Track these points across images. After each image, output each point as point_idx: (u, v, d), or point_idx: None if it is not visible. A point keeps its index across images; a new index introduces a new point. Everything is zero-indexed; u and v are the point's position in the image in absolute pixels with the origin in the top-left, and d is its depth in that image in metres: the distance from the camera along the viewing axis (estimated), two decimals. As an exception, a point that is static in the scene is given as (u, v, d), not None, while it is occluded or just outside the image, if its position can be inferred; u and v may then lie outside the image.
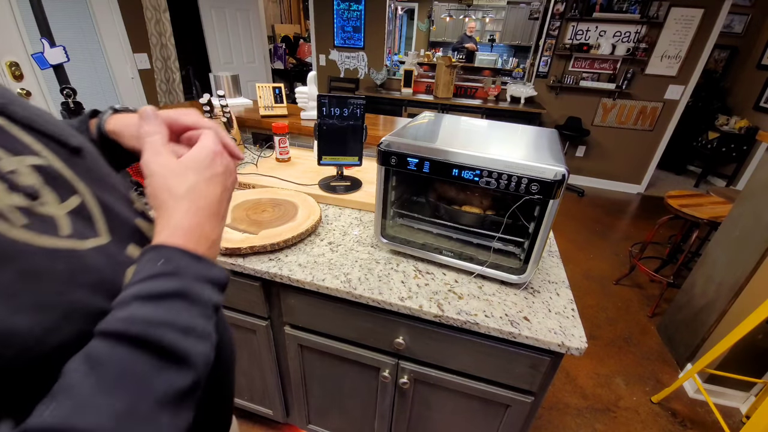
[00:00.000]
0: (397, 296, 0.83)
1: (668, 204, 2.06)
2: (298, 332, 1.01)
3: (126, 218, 0.37)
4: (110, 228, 0.33)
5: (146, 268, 0.30)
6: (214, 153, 0.38)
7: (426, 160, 0.80)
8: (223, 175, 0.38)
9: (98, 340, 0.26)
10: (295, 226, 1.00)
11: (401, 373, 0.95)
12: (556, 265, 0.99)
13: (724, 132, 4.00)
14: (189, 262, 0.32)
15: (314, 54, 4.47)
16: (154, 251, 0.31)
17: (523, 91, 3.69)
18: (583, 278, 2.50)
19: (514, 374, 0.84)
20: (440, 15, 5.81)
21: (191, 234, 0.33)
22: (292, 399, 1.22)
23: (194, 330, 0.29)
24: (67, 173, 0.32)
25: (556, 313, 0.81)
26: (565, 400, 1.65)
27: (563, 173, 0.70)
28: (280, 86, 1.75)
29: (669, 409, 1.64)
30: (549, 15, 3.59)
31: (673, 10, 3.28)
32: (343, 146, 1.17)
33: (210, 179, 0.36)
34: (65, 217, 0.29)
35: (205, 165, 0.37)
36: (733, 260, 1.62)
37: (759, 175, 1.57)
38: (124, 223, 0.36)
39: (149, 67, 3.02)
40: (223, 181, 0.38)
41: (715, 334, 1.66)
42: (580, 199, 3.88)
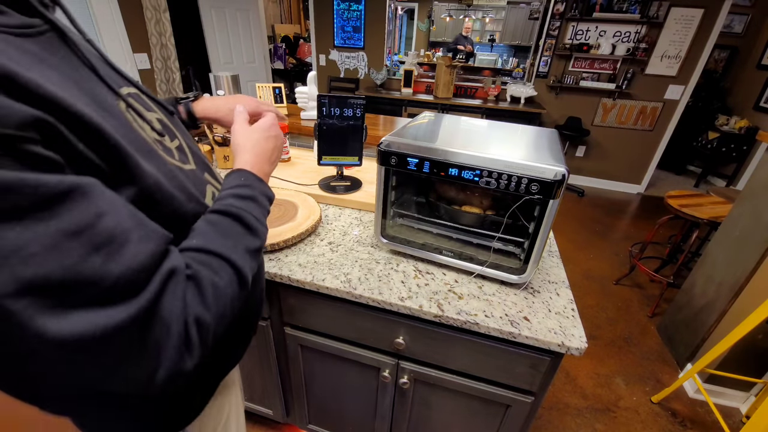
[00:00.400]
0: (397, 296, 0.83)
1: (668, 204, 2.06)
2: (298, 332, 1.01)
3: (202, 157, 0.57)
4: (195, 161, 0.53)
5: (233, 181, 0.51)
6: (271, 124, 0.63)
7: (426, 160, 0.80)
8: (275, 137, 0.62)
9: (211, 213, 0.45)
10: (295, 226, 1.00)
11: (401, 373, 0.95)
12: (556, 265, 0.99)
13: (724, 132, 4.00)
14: (256, 181, 0.53)
15: (314, 54, 4.47)
16: (237, 172, 0.53)
17: (523, 91, 3.69)
18: (583, 278, 2.50)
19: (514, 374, 0.84)
20: (440, 15, 5.81)
21: (255, 167, 0.55)
22: (292, 399, 1.22)
23: (258, 219, 0.49)
24: (171, 125, 0.51)
25: (556, 313, 0.81)
26: (565, 400, 1.65)
27: (563, 173, 0.70)
28: (280, 86, 1.75)
29: (669, 409, 1.64)
30: (549, 15, 3.59)
31: (673, 10, 3.28)
32: (343, 146, 1.17)
33: (267, 138, 0.60)
34: (175, 149, 0.48)
35: (264, 129, 0.61)
36: (733, 260, 1.62)
37: (759, 175, 1.57)
38: (201, 159, 0.56)
39: (149, 67, 3.02)
40: (274, 140, 0.62)
41: (715, 334, 1.66)
42: (580, 199, 3.87)
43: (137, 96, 0.47)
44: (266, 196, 0.53)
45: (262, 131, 0.60)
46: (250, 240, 0.46)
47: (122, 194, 0.35)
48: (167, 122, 0.51)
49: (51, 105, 0.29)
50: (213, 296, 0.38)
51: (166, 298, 0.33)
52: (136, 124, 0.41)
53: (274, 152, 0.61)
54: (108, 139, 0.33)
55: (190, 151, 0.53)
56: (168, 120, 0.51)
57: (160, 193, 0.39)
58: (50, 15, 0.37)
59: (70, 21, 0.41)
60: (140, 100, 0.47)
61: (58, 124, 0.29)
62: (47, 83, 0.30)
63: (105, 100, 0.38)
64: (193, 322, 0.35)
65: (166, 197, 0.40)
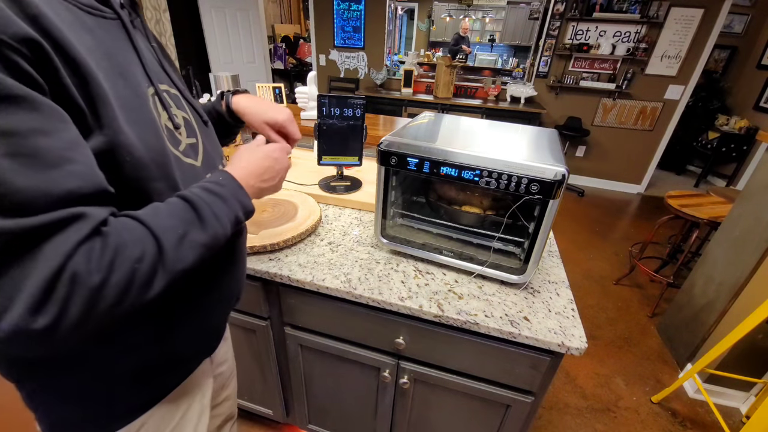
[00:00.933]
0: (397, 296, 0.83)
1: (668, 204, 2.06)
2: (298, 332, 1.01)
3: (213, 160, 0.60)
4: (203, 161, 0.56)
5: (213, 177, 0.52)
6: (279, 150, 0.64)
7: (426, 160, 0.80)
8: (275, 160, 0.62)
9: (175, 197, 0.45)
10: (295, 226, 1.00)
11: (401, 373, 0.95)
12: (556, 265, 0.99)
13: (724, 132, 4.00)
14: (234, 185, 0.52)
15: (314, 54, 4.47)
16: (221, 171, 0.54)
17: (523, 91, 3.69)
18: (583, 278, 2.50)
19: (514, 374, 0.84)
20: (440, 15, 5.81)
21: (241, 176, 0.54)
22: (292, 399, 1.22)
23: (218, 216, 0.47)
24: (196, 128, 0.57)
25: (556, 313, 0.81)
26: (565, 400, 1.65)
27: (563, 173, 0.70)
28: (280, 86, 1.75)
29: (669, 409, 1.64)
30: (549, 15, 3.59)
31: (673, 10, 3.28)
32: (343, 146, 1.17)
33: (266, 158, 0.61)
34: (185, 143, 0.52)
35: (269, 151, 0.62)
36: (733, 260, 1.62)
37: (759, 175, 1.57)
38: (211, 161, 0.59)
39: (149, 67, 3.02)
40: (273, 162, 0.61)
41: (715, 334, 1.66)
42: (580, 199, 3.87)
43: (176, 96, 0.54)
44: (240, 203, 0.51)
45: (266, 152, 0.61)
46: (196, 231, 0.44)
47: (91, 139, 0.37)
48: (193, 123, 0.56)
49: (53, 37, 0.34)
50: (111, 261, 0.35)
51: (56, 238, 0.32)
52: (155, 108, 0.46)
53: (269, 173, 0.60)
54: (97, 86, 0.37)
55: (203, 152, 0.56)
56: (196, 123, 0.57)
57: (131, 157, 0.40)
58: (119, 10, 0.46)
59: (142, 25, 0.53)
60: (176, 99, 0.54)
61: (52, 53, 0.34)
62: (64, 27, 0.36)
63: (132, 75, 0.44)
64: (68, 277, 0.32)
65: (136, 163, 0.41)
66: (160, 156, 0.44)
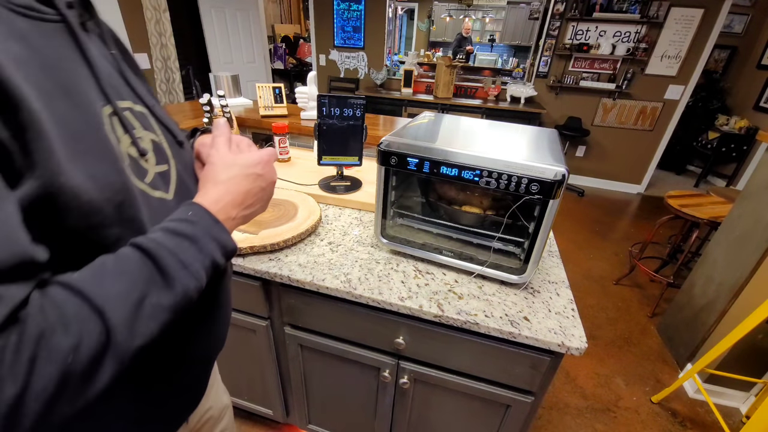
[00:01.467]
0: (397, 296, 0.83)
1: (668, 204, 2.06)
2: (298, 332, 1.01)
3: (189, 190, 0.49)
4: (176, 192, 0.46)
5: (179, 213, 0.41)
6: (263, 161, 0.50)
7: (426, 160, 0.80)
8: (259, 177, 0.49)
9: (128, 246, 0.36)
10: (295, 226, 1.00)
11: (401, 373, 0.95)
12: (556, 265, 0.99)
13: (724, 132, 4.00)
14: (207, 220, 0.41)
15: (314, 54, 4.47)
16: (189, 204, 0.42)
17: (523, 91, 3.69)
18: (583, 278, 2.50)
19: (514, 374, 0.84)
20: (440, 15, 5.82)
21: (217, 205, 0.43)
22: (292, 399, 1.22)
23: (188, 266, 0.37)
24: (168, 152, 0.47)
25: (556, 313, 0.81)
26: (565, 400, 1.65)
27: (563, 173, 0.70)
28: (280, 86, 1.75)
29: (669, 409, 1.64)
30: (549, 15, 3.59)
31: (673, 10, 3.28)
32: (343, 146, 1.17)
33: (247, 175, 0.47)
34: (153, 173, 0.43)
35: (250, 163, 0.48)
36: (733, 260, 1.62)
37: (759, 175, 1.57)
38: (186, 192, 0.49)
39: (149, 67, 3.02)
40: (257, 181, 0.49)
41: (715, 334, 1.66)
42: (580, 199, 3.87)
43: (142, 114, 0.45)
44: (216, 242, 0.40)
45: (246, 165, 0.48)
46: (158, 292, 0.34)
47: (20, 186, 0.29)
48: (164, 146, 0.46)
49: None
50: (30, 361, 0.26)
51: None
52: (112, 132, 0.38)
53: (252, 195, 0.48)
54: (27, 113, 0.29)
55: (177, 181, 0.47)
56: (168, 145, 0.47)
57: (78, 201, 0.32)
58: (65, 11, 0.37)
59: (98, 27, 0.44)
60: (142, 117, 0.44)
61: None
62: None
63: (81, 93, 0.36)
64: None
65: (85, 209, 0.32)
66: (118, 194, 0.36)
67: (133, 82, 0.46)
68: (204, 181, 0.46)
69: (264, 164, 0.50)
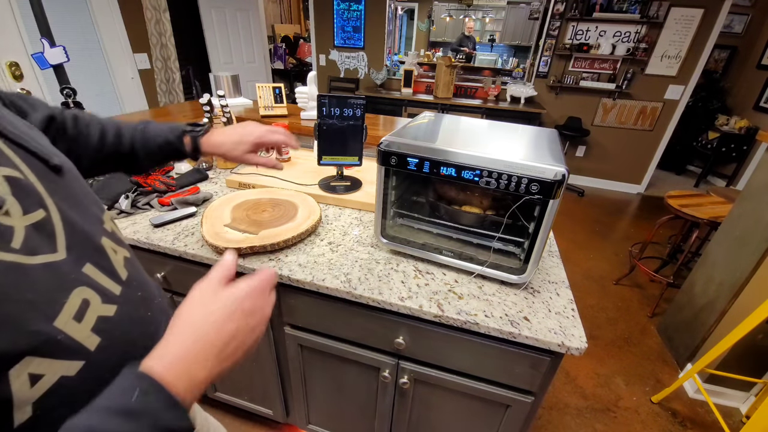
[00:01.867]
0: (397, 296, 0.83)
1: (668, 204, 2.06)
2: (298, 332, 1.01)
3: (91, 237, 0.38)
4: (69, 245, 0.34)
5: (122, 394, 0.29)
6: (254, 293, 0.39)
7: (426, 160, 0.80)
8: (248, 315, 0.37)
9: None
10: (295, 226, 1.00)
11: (401, 373, 0.95)
12: (556, 265, 0.99)
13: (724, 132, 4.00)
14: (160, 407, 0.30)
15: (314, 54, 4.47)
16: (137, 378, 0.30)
17: (523, 91, 3.69)
18: (583, 278, 2.50)
19: (514, 374, 0.84)
20: (440, 15, 5.81)
21: (178, 367, 0.32)
22: (292, 399, 1.22)
23: None
24: (39, 188, 0.34)
25: (556, 313, 0.81)
26: (565, 400, 1.65)
27: (563, 173, 0.70)
28: (280, 86, 1.75)
29: (669, 409, 1.64)
30: (549, 15, 3.59)
31: (673, 10, 3.28)
32: (343, 146, 1.17)
33: (231, 317, 0.36)
34: (23, 229, 0.31)
35: (236, 300, 0.37)
36: (733, 260, 1.62)
37: (759, 175, 1.57)
38: (87, 241, 0.37)
39: (149, 67, 3.02)
40: (241, 322, 0.37)
41: (715, 334, 1.66)
42: (580, 199, 3.87)
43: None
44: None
45: (232, 306, 0.37)
46: None
47: None
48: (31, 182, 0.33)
49: None
50: None
51: None
52: None
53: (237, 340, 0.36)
54: None
55: (65, 228, 0.35)
56: (38, 179, 0.34)
57: None
58: None
59: None
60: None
61: None
62: None
63: None
64: None
65: None
66: None
67: None
68: (173, 322, 0.35)
69: (258, 294, 0.39)
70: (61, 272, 0.33)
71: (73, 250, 0.35)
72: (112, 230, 0.44)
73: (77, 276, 0.34)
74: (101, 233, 0.40)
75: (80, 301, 0.33)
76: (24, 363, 0.28)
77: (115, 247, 0.42)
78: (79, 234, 0.36)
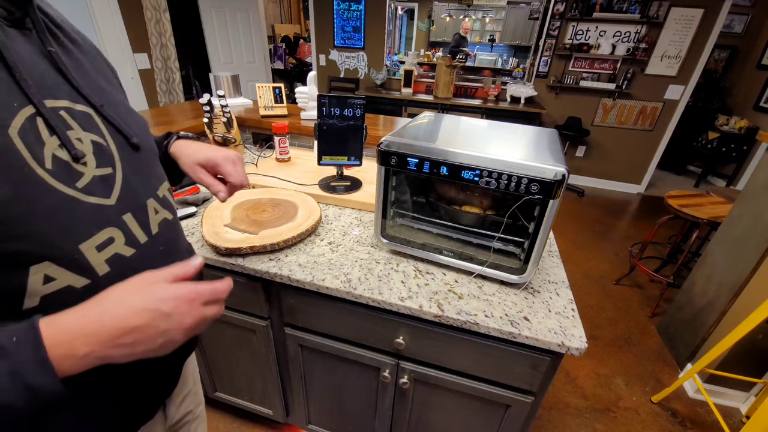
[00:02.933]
0: (397, 296, 0.83)
1: (668, 204, 2.06)
2: (298, 332, 1.01)
3: (139, 196, 0.48)
4: (120, 197, 0.45)
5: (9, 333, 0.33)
6: (183, 299, 0.40)
7: (426, 160, 0.80)
8: (164, 317, 0.38)
9: None
10: (295, 226, 1.00)
11: (401, 373, 0.95)
12: (556, 265, 0.99)
13: (724, 132, 4.00)
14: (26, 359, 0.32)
15: (314, 54, 4.47)
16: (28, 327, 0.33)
17: (523, 91, 3.69)
18: (583, 278, 2.50)
19: (514, 374, 0.84)
20: (440, 15, 5.82)
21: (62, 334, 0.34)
22: (292, 399, 1.22)
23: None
24: (115, 154, 0.46)
25: (556, 313, 0.81)
26: (565, 400, 1.65)
27: (563, 173, 0.70)
28: (280, 86, 1.75)
29: (669, 409, 1.64)
30: (549, 15, 3.59)
31: (673, 10, 3.28)
32: (343, 146, 1.17)
33: (144, 309, 0.37)
34: (91, 176, 0.42)
35: (159, 299, 0.38)
36: (733, 260, 1.62)
37: (759, 175, 1.57)
38: (135, 198, 0.47)
39: (149, 67, 3.02)
40: (156, 320, 0.37)
41: (715, 334, 1.66)
42: (580, 199, 3.87)
43: (83, 114, 0.43)
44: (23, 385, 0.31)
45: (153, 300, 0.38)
46: None
47: None
48: (110, 148, 0.45)
49: None
50: None
51: None
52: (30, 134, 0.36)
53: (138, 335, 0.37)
54: None
55: (122, 185, 0.45)
56: (117, 147, 0.46)
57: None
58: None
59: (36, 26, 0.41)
60: (84, 118, 0.43)
61: None
62: None
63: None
64: None
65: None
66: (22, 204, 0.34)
67: (80, 79, 0.44)
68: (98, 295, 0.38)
69: (182, 303, 0.39)
70: (104, 213, 0.42)
71: (121, 201, 0.45)
72: (164, 197, 0.53)
73: (116, 219, 0.44)
74: (150, 196, 0.50)
75: (107, 237, 0.42)
76: (44, 265, 0.37)
77: (159, 208, 0.52)
78: (131, 191, 0.46)
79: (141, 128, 0.52)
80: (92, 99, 0.44)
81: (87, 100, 0.44)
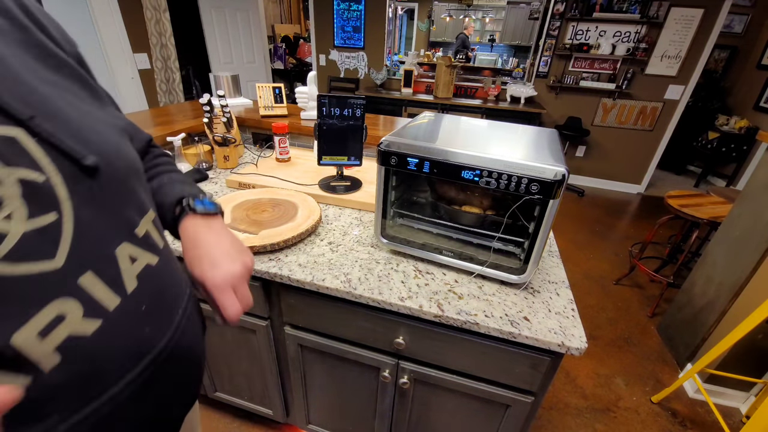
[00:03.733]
0: (397, 296, 0.83)
1: (668, 204, 2.06)
2: (298, 332, 1.01)
3: (105, 244, 0.36)
4: (72, 252, 0.32)
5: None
6: None
7: (426, 160, 0.80)
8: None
9: None
10: (295, 226, 1.00)
11: (401, 373, 0.95)
12: (556, 265, 0.99)
13: (724, 132, 4.00)
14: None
15: (314, 54, 4.47)
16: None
17: (523, 91, 3.69)
18: (583, 278, 2.50)
19: (514, 374, 0.84)
20: (440, 15, 5.81)
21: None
22: (292, 399, 1.22)
23: None
24: (60, 190, 0.32)
25: (556, 313, 0.81)
26: (565, 400, 1.65)
27: (563, 173, 0.70)
28: (280, 86, 1.75)
29: (669, 409, 1.64)
30: (549, 15, 3.59)
31: (673, 10, 3.28)
32: (343, 146, 1.17)
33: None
34: (19, 235, 0.29)
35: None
36: (733, 260, 1.62)
37: (759, 175, 1.57)
38: (97, 249, 0.35)
39: (149, 67, 3.02)
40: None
41: (715, 334, 1.66)
42: (580, 199, 3.87)
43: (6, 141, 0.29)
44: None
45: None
46: None
47: None
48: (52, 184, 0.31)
49: None
50: None
51: None
52: None
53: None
54: None
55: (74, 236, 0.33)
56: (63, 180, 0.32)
57: None
58: None
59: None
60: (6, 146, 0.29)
61: None
62: None
63: None
64: None
65: None
66: None
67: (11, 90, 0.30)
68: None
69: None
70: (47, 282, 0.31)
71: (74, 258, 0.33)
72: (146, 234, 0.41)
73: (67, 287, 0.32)
74: (123, 239, 0.38)
75: (54, 315, 0.31)
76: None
77: (138, 253, 0.40)
78: (89, 240, 0.34)
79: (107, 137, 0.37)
80: (15, 110, 0.30)
81: (7, 114, 0.29)
